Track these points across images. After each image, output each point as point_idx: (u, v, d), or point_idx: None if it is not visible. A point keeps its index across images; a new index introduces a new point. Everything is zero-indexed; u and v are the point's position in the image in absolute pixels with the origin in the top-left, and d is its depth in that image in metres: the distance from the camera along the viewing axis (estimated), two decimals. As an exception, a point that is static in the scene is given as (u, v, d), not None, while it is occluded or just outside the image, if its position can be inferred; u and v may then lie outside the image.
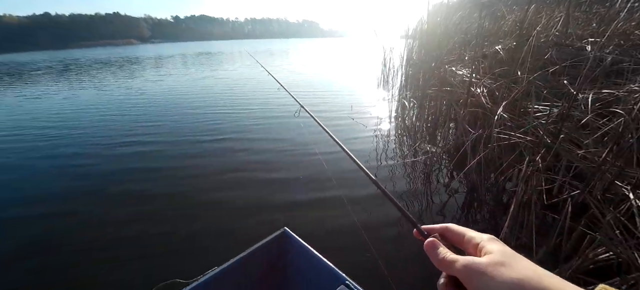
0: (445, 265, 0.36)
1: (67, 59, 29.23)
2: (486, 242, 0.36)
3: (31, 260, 2.18)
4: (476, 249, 0.36)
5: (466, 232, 0.39)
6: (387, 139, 4.33)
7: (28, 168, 3.83)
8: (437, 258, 0.37)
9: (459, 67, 4.22)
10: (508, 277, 0.30)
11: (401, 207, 0.48)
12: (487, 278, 0.31)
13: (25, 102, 8.41)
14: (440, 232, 0.41)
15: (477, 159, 2.31)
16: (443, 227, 0.41)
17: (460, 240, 0.39)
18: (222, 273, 1.27)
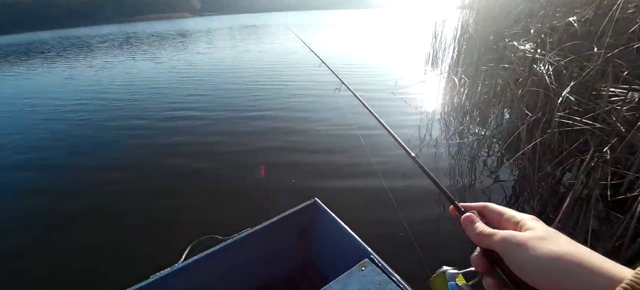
0: (482, 237, 0.36)
1: (129, 32, 31.96)
2: (528, 220, 0.35)
3: (88, 218, 2.57)
4: (516, 226, 0.36)
5: (506, 211, 0.38)
6: (431, 119, 4.14)
7: (87, 136, 4.34)
8: (475, 232, 0.37)
9: (522, 41, 3.79)
10: (550, 250, 0.30)
11: (438, 183, 0.48)
12: (528, 250, 0.31)
13: (91, 73, 9.47)
14: (479, 209, 0.41)
15: (533, 145, 2.12)
16: (481, 205, 0.41)
17: (499, 218, 0.39)
18: (255, 234, 1.39)
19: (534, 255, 0.30)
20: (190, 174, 3.08)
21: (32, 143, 4.21)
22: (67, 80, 8.60)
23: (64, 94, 6.93)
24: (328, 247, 1.54)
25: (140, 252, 2.09)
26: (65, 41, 25.84)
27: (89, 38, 26.87)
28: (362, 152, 3.19)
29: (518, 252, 0.32)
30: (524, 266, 0.31)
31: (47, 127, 4.74)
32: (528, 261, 0.31)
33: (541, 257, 0.30)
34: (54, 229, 2.44)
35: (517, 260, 0.32)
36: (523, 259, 0.31)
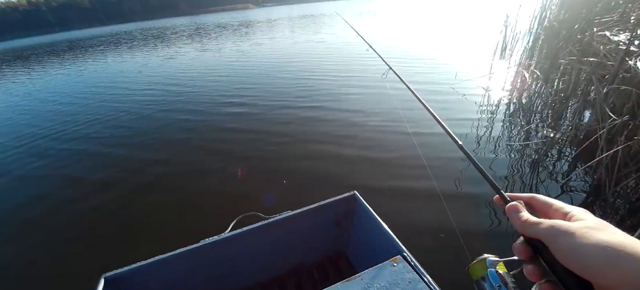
0: (527, 226, 0.35)
1: (198, 23, 35.05)
2: (578, 211, 0.34)
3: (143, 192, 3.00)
4: (565, 217, 0.35)
5: (555, 203, 0.37)
6: (493, 117, 3.79)
7: (149, 120, 4.92)
8: (520, 220, 0.36)
9: (616, 31, 3.20)
10: (602, 239, 0.29)
11: (484, 171, 0.47)
12: (578, 239, 0.30)
13: (163, 61, 10.68)
14: (525, 200, 0.40)
15: (612, 152, 1.83)
16: (529, 196, 0.40)
17: (547, 209, 0.38)
18: (293, 217, 1.47)
19: (584, 244, 0.29)
20: (239, 159, 3.35)
21: (107, 123, 4.97)
22: (142, 68, 9.90)
23: (136, 82, 7.99)
24: (362, 240, 1.57)
25: (195, 221, 2.40)
26: (146, 32, 29.54)
27: (164, 29, 30.35)
28: (410, 146, 3.09)
29: (566, 240, 0.31)
30: (573, 254, 0.30)
31: (121, 110, 5.51)
32: (578, 249, 0.30)
33: (592, 245, 0.29)
34: (119, 194, 2.93)
35: (566, 248, 0.31)
36: (572, 247, 0.30)
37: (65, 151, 4.06)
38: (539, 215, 0.37)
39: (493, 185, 0.44)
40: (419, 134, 3.39)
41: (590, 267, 0.29)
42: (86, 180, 3.26)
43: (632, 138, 1.79)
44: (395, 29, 13.63)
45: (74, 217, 2.68)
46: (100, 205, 2.79)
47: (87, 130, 4.72)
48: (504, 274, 0.44)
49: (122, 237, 2.35)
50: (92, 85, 8.21)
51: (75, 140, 4.37)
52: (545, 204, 0.38)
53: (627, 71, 2.41)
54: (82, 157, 3.83)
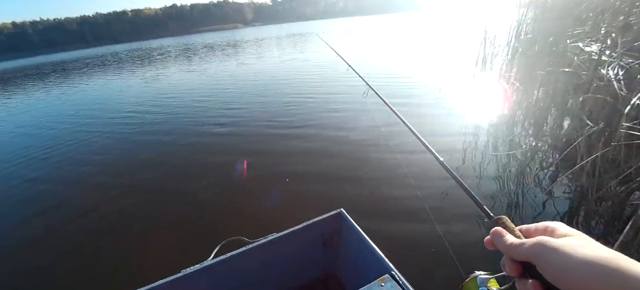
0: (513, 249, 0.36)
1: (187, 44, 35.23)
2: (560, 225, 0.35)
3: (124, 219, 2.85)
4: (546, 232, 0.36)
5: (537, 225, 0.38)
6: (478, 128, 3.86)
7: (126, 144, 4.75)
8: (505, 245, 0.37)
9: (588, 42, 3.36)
10: (587, 255, 0.29)
11: (470, 191, 0.47)
12: (562, 254, 0.31)
13: (146, 84, 10.54)
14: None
15: (591, 159, 1.87)
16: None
17: (528, 232, 0.38)
18: (280, 239, 1.42)
19: (570, 261, 0.30)
20: (222, 181, 3.26)
21: (81, 149, 4.74)
22: (123, 91, 9.71)
23: (117, 105, 7.74)
24: (351, 259, 1.53)
25: (175, 247, 2.30)
26: (133, 53, 29.51)
27: (152, 50, 30.36)
28: (394, 163, 3.10)
29: (552, 257, 0.31)
30: (560, 272, 0.31)
31: (97, 135, 5.30)
32: (564, 266, 0.30)
33: (579, 262, 0.29)
34: (85, 217, 2.79)
35: (552, 266, 0.31)
36: (558, 264, 0.31)
37: (35, 181, 3.78)
38: (522, 236, 0.38)
39: (480, 206, 0.45)
40: (403, 151, 3.36)
41: (577, 283, 0.29)
42: (57, 210, 3.11)
43: (609, 144, 1.84)
44: (380, 46, 14.01)
45: (46, 245, 2.55)
46: (69, 235, 2.64)
47: (60, 156, 4.52)
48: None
49: (96, 270, 2.22)
50: (70, 110, 7.90)
51: (45, 169, 4.17)
52: (525, 230, 0.39)
53: (600, 80, 2.50)
54: (54, 186, 3.64)
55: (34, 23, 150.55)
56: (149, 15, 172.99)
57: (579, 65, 3.01)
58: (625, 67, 2.41)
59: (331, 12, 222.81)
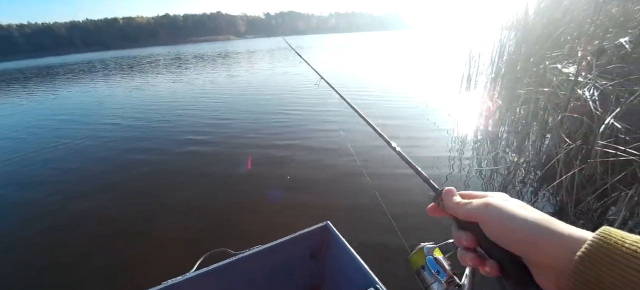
0: (461, 206, 0.39)
1: (178, 53, 35.08)
2: (499, 194, 0.39)
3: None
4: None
5: (477, 192, 0.42)
6: (463, 143, 3.95)
7: (101, 153, 4.63)
8: (453, 203, 0.40)
9: (566, 64, 3.53)
10: (528, 216, 0.33)
11: (419, 170, 0.50)
12: (505, 214, 0.34)
13: (129, 92, 10.34)
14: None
15: (570, 175, 1.94)
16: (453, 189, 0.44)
17: (472, 197, 0.41)
18: (265, 251, 1.40)
19: (513, 221, 0.33)
20: (205, 193, 3.20)
21: (54, 156, 4.56)
22: (104, 100, 9.41)
23: (96, 114, 7.40)
24: (336, 272, 1.52)
25: (156, 260, 2.22)
26: (121, 61, 29.19)
27: (141, 58, 30.07)
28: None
29: (497, 217, 0.34)
30: (503, 230, 0.34)
31: (78, 144, 5.06)
32: (507, 225, 0.33)
33: (521, 221, 0.32)
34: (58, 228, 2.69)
35: (497, 225, 0.34)
36: (503, 223, 0.34)
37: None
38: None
39: (425, 180, 0.48)
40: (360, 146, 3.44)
41: (519, 242, 0.32)
42: (33, 219, 3.00)
43: (586, 161, 1.92)
44: (369, 63, 14.30)
45: (18, 260, 2.43)
46: (47, 247, 2.52)
47: (35, 165, 4.37)
48: (441, 259, 0.47)
49: (74, 281, 2.12)
50: (49, 116, 7.60)
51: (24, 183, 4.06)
52: (469, 195, 0.42)
53: (577, 99, 2.63)
54: (28, 195, 3.53)
55: (20, 26, 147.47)
56: (141, 24, 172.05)
57: (558, 85, 3.16)
58: (600, 88, 2.54)
59: (324, 28, 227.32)
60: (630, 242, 0.26)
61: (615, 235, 0.27)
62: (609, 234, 0.27)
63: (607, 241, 0.27)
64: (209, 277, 1.33)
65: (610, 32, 3.18)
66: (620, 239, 0.26)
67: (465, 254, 0.37)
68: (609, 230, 0.28)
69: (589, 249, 0.27)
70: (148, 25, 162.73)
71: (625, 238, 0.26)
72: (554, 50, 3.94)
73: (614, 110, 2.00)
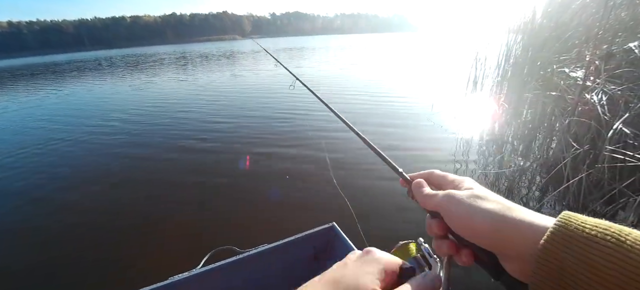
0: (428, 198, 0.39)
1: (183, 52, 35.31)
2: (464, 181, 0.39)
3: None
4: (456, 188, 0.39)
5: (448, 175, 0.42)
6: (468, 146, 3.93)
7: (113, 150, 4.71)
8: (421, 194, 0.40)
9: (574, 68, 3.50)
10: (486, 207, 0.33)
11: (387, 158, 0.49)
12: (465, 207, 0.34)
13: (137, 90, 10.43)
14: (425, 176, 0.44)
15: (577, 180, 1.92)
16: (427, 172, 0.44)
17: (443, 182, 0.42)
18: (271, 250, 1.41)
19: (471, 212, 0.33)
20: (211, 190, 3.22)
21: (58, 153, 4.61)
22: (110, 95, 9.63)
23: (101, 111, 7.52)
24: None
25: (164, 256, 2.24)
26: (126, 59, 29.47)
27: (147, 57, 30.34)
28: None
29: (456, 209, 0.34)
30: (462, 222, 0.34)
31: (81, 143, 5.12)
32: (464, 217, 0.34)
33: (479, 213, 0.32)
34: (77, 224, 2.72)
35: (455, 217, 0.35)
36: (460, 216, 0.34)
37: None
38: (436, 189, 0.41)
39: (395, 169, 0.47)
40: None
41: (478, 234, 0.32)
42: (38, 214, 3.04)
43: (593, 166, 1.90)
44: (376, 64, 14.27)
45: (26, 255, 2.46)
46: (53, 241, 2.56)
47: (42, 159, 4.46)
48: (418, 256, 0.49)
49: (79, 277, 2.15)
50: (53, 113, 7.65)
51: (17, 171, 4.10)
52: (441, 178, 0.42)
53: (585, 104, 2.60)
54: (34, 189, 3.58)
55: (30, 23, 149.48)
56: (148, 22, 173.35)
57: (565, 89, 3.13)
58: (608, 93, 2.52)
59: (329, 29, 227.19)
60: (591, 227, 0.26)
61: (575, 220, 0.27)
62: (569, 219, 0.27)
63: (567, 227, 0.26)
64: (215, 274, 1.35)
65: (619, 36, 3.15)
66: (581, 224, 0.26)
67: (440, 243, 0.37)
68: (569, 216, 0.28)
69: (551, 237, 0.26)
70: (155, 24, 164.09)
71: (586, 222, 0.26)
72: (562, 54, 3.91)
73: (622, 115, 1.98)
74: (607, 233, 0.25)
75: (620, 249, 0.23)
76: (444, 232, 0.37)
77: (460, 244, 0.36)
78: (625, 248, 0.23)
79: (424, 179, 0.43)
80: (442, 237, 0.37)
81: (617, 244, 0.23)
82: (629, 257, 0.23)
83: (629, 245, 0.23)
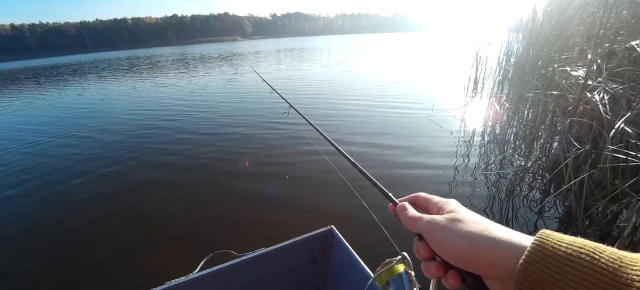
0: (412, 222, 0.40)
1: (184, 52, 35.38)
2: (447, 203, 0.40)
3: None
4: (439, 211, 0.40)
5: (432, 198, 0.43)
6: (469, 146, 3.91)
7: (112, 152, 4.78)
8: (406, 217, 0.41)
9: (575, 67, 3.47)
10: (462, 229, 0.34)
11: (376, 182, 0.51)
12: (445, 231, 0.35)
13: (134, 92, 10.50)
14: (411, 200, 0.45)
15: (578, 180, 1.90)
16: (413, 196, 0.45)
17: (428, 205, 0.42)
18: (268, 254, 1.39)
19: (452, 237, 0.34)
20: (210, 193, 3.21)
21: (53, 155, 4.69)
22: (110, 96, 9.61)
23: (102, 112, 7.64)
24: (339, 277, 1.50)
25: (159, 261, 2.23)
26: (127, 61, 29.54)
27: (146, 58, 30.40)
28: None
29: (438, 234, 0.36)
30: (444, 247, 0.35)
31: (83, 143, 5.25)
32: (447, 242, 0.34)
33: (459, 237, 0.33)
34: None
35: (438, 242, 0.36)
36: (441, 240, 0.35)
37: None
38: (423, 211, 0.42)
39: (384, 193, 0.48)
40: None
41: (459, 257, 0.33)
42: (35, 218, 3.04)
43: (595, 166, 1.88)
44: (377, 64, 14.26)
45: (22, 257, 2.46)
46: (45, 246, 2.55)
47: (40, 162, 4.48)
48: (405, 273, 0.49)
49: (75, 281, 2.14)
50: (59, 114, 7.79)
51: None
52: (426, 200, 0.43)
53: (586, 103, 2.58)
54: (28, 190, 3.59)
55: (32, 26, 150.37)
56: (149, 24, 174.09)
57: (567, 88, 3.11)
58: (610, 92, 2.49)
59: (330, 29, 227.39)
60: (566, 245, 0.26)
61: (552, 239, 0.27)
62: (547, 238, 0.28)
63: (544, 246, 0.27)
64: (211, 279, 1.33)
65: (621, 34, 3.13)
66: (557, 242, 0.27)
67: (427, 266, 0.38)
68: (546, 234, 0.28)
69: (528, 256, 0.27)
70: (156, 26, 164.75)
71: (562, 241, 0.27)
72: (563, 53, 3.88)
73: (624, 115, 1.96)
74: (582, 251, 0.25)
75: (595, 267, 0.24)
76: (431, 255, 0.37)
77: (447, 266, 0.36)
78: (600, 266, 0.24)
79: (410, 201, 0.44)
80: (429, 259, 0.38)
81: (591, 262, 0.24)
82: (603, 275, 0.23)
83: (603, 263, 0.24)
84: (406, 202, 0.44)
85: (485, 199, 2.70)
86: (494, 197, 2.73)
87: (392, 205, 0.46)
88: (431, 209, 0.42)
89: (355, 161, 0.59)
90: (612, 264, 0.24)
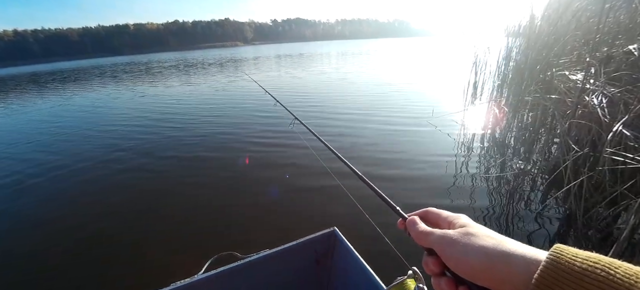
0: (423, 236, 0.39)
1: (184, 58, 35.60)
2: (458, 218, 0.40)
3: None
4: (450, 225, 0.40)
5: (442, 212, 0.43)
6: (469, 150, 3.93)
7: (114, 157, 4.80)
8: (416, 231, 0.41)
9: (574, 70, 3.51)
10: (475, 244, 0.34)
11: (385, 197, 0.51)
12: (461, 247, 0.35)
13: (138, 96, 10.56)
14: (421, 215, 0.45)
15: (578, 182, 1.92)
16: (423, 211, 0.45)
17: (438, 219, 0.42)
18: (272, 256, 1.41)
19: (466, 251, 0.34)
20: (214, 195, 3.25)
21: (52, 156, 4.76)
22: (112, 102, 9.66)
23: (105, 116, 7.75)
24: (343, 279, 1.51)
25: (164, 262, 2.25)
26: (126, 67, 29.76)
27: (146, 64, 30.57)
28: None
29: (451, 249, 0.35)
30: (458, 262, 0.35)
31: (84, 147, 5.31)
32: (461, 257, 0.34)
33: (473, 252, 0.33)
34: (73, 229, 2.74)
35: (452, 257, 0.35)
36: (456, 255, 0.35)
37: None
38: (432, 226, 0.41)
39: (393, 208, 0.48)
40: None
41: (473, 272, 0.33)
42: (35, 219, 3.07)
43: (594, 168, 1.90)
44: (377, 69, 14.33)
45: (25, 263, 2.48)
46: (50, 248, 2.56)
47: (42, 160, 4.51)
48: (416, 288, 0.48)
49: (79, 284, 2.16)
50: (61, 117, 7.82)
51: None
52: (436, 215, 0.43)
53: (585, 106, 2.61)
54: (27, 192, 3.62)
55: (35, 32, 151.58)
56: (151, 30, 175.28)
57: (565, 92, 3.14)
58: (608, 95, 2.52)
59: (330, 34, 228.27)
60: (581, 260, 0.26)
61: (567, 253, 0.27)
62: (561, 253, 0.27)
63: (559, 261, 0.27)
64: (217, 280, 1.35)
65: (619, 39, 3.17)
66: (572, 257, 0.27)
67: (438, 281, 0.37)
68: (561, 249, 0.28)
69: (543, 271, 0.27)
70: (157, 32, 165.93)
71: (577, 256, 0.27)
72: (561, 57, 3.92)
73: (622, 118, 1.99)
74: (597, 267, 0.25)
75: (610, 283, 0.24)
76: (441, 270, 0.37)
77: (458, 281, 0.36)
78: (616, 282, 0.24)
79: (420, 216, 0.44)
80: (439, 275, 0.38)
81: (607, 278, 0.24)
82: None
83: (619, 279, 0.24)
84: (416, 217, 0.43)
85: (486, 202, 2.72)
86: (494, 200, 2.75)
87: (401, 220, 0.46)
88: (441, 224, 0.41)
89: (363, 175, 0.59)
90: (628, 280, 0.23)
